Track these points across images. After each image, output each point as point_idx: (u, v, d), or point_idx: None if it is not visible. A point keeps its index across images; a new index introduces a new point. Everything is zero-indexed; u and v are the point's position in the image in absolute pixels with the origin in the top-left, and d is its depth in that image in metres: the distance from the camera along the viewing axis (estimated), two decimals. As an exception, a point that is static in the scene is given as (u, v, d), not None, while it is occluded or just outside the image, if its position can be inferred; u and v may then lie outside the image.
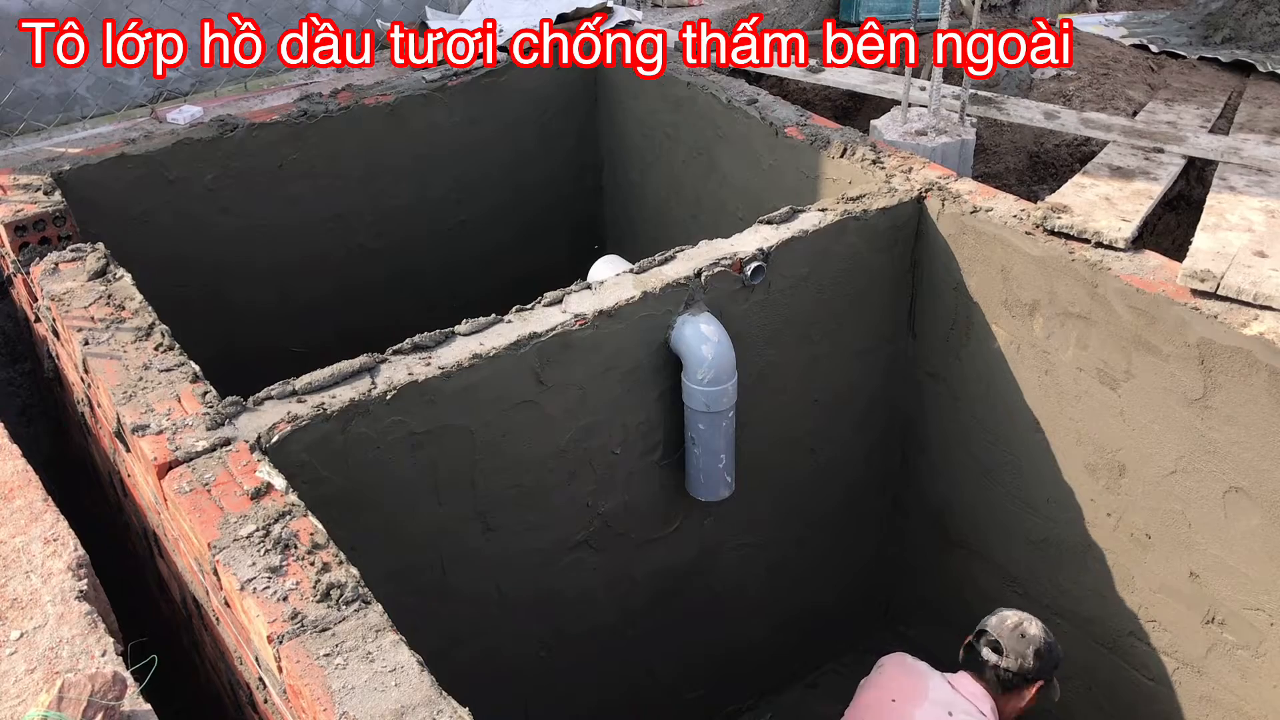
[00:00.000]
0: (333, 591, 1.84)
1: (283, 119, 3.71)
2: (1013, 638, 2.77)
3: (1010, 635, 2.78)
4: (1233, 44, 4.84)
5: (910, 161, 3.32)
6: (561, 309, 2.69)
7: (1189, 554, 2.87)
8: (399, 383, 2.42)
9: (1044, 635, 2.81)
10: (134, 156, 3.46)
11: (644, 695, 3.53)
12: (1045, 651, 2.78)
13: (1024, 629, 2.80)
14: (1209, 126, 3.93)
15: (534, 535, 2.89)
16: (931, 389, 3.45)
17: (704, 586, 3.43)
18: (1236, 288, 2.62)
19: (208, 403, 2.32)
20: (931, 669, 2.88)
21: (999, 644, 2.77)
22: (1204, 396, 2.67)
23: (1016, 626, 2.80)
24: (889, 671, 2.91)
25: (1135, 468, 2.91)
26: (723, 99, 3.80)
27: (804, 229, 3.00)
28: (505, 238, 4.42)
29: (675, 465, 3.09)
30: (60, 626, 1.91)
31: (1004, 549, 3.45)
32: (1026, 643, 2.77)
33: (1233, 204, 3.14)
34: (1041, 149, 4.34)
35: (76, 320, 2.64)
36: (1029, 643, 2.77)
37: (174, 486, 2.12)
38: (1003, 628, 2.79)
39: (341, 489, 2.43)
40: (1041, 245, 2.92)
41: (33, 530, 2.14)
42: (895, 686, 2.85)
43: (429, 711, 1.63)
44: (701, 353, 2.79)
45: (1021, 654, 2.76)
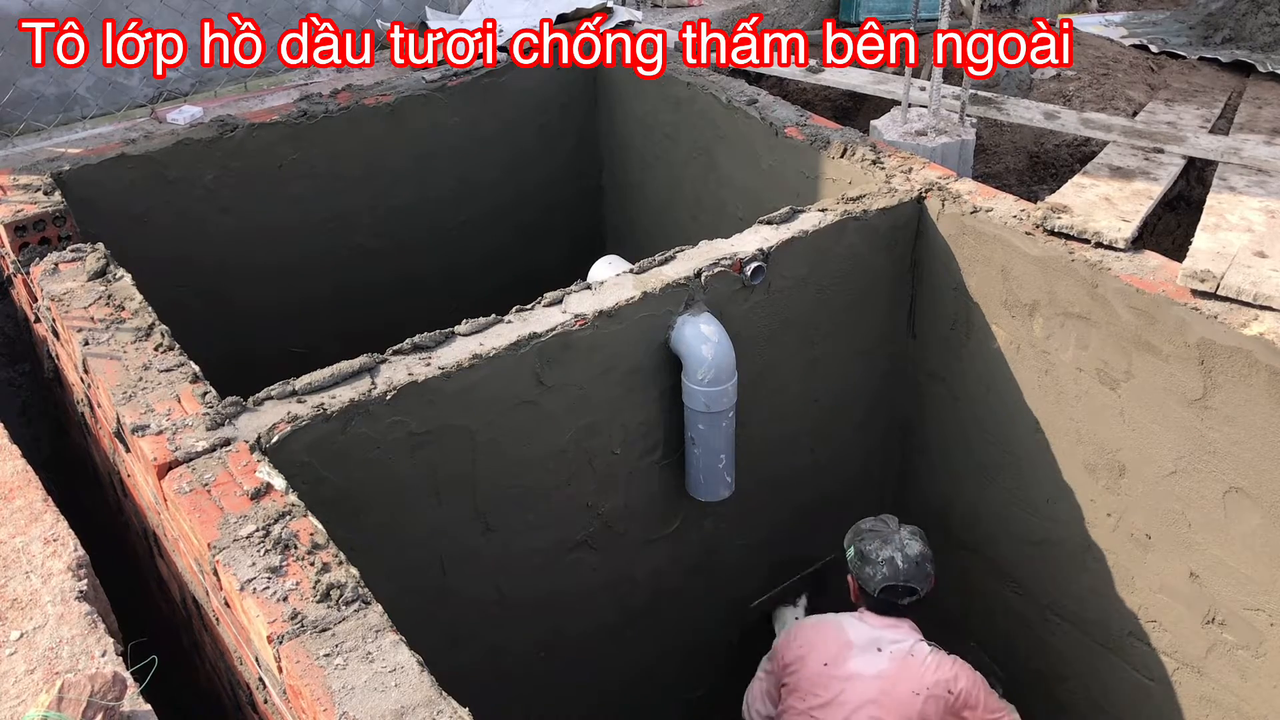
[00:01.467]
0: (333, 591, 1.84)
1: (283, 119, 3.71)
2: (911, 565, 2.94)
3: (909, 564, 2.94)
4: (1233, 44, 4.84)
5: (910, 161, 3.32)
6: (561, 309, 2.69)
7: (1189, 554, 2.87)
8: (399, 383, 2.42)
9: (904, 542, 2.99)
10: (134, 157, 3.46)
11: (644, 695, 3.53)
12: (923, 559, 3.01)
13: (908, 551, 2.96)
14: (1209, 127, 3.93)
15: (534, 535, 2.89)
16: (931, 389, 3.45)
17: (704, 586, 3.43)
18: (1236, 288, 2.62)
19: (208, 403, 2.32)
20: (833, 616, 3.02)
21: (901, 575, 2.94)
22: (1204, 396, 2.67)
23: (900, 551, 2.96)
24: (803, 638, 3.01)
25: (1135, 468, 2.91)
26: (723, 99, 3.80)
27: (804, 229, 3.00)
28: (505, 238, 4.42)
29: (675, 465, 3.09)
30: (60, 627, 1.91)
31: (1004, 549, 3.45)
32: (921, 559, 2.96)
33: (1233, 204, 3.14)
34: (1041, 149, 4.34)
35: (76, 320, 2.64)
36: (923, 558, 2.97)
37: (174, 487, 2.12)
38: (896, 563, 2.94)
39: (341, 489, 2.43)
40: (1041, 245, 2.92)
41: (33, 530, 2.14)
42: (819, 650, 2.94)
43: (429, 711, 1.63)
44: (701, 353, 2.79)
45: (926, 574, 2.97)
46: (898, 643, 2.90)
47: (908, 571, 2.94)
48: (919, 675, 2.87)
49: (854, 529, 3.09)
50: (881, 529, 3.03)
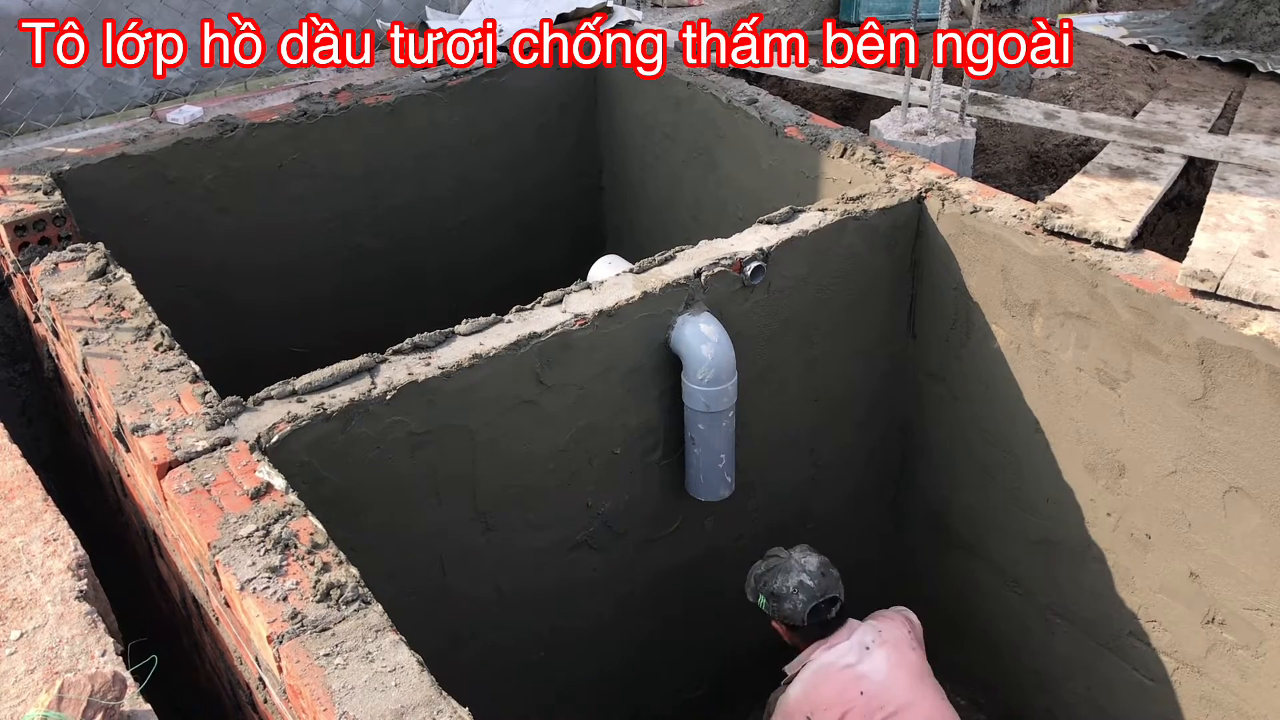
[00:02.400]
0: (333, 591, 1.84)
1: (283, 119, 3.71)
2: (819, 577, 2.95)
3: (816, 578, 2.95)
4: (1233, 44, 4.84)
5: (910, 161, 3.32)
6: (561, 309, 2.69)
7: (1189, 554, 2.87)
8: (399, 383, 2.42)
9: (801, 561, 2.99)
10: (134, 156, 3.46)
11: (644, 695, 3.53)
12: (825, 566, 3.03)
13: (808, 567, 2.96)
14: (1209, 126, 3.93)
15: (534, 535, 2.89)
16: (931, 389, 3.45)
17: (704, 586, 3.43)
18: (1236, 288, 2.62)
19: (208, 403, 2.32)
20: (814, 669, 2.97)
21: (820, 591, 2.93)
22: (1204, 396, 2.67)
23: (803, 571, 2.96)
24: (813, 700, 2.93)
25: (1135, 468, 2.91)
26: (723, 99, 3.80)
27: (804, 229, 3.00)
28: (505, 237, 4.42)
29: (675, 465, 3.09)
30: (60, 626, 1.91)
31: (1004, 549, 3.45)
32: (824, 568, 2.97)
33: (1233, 204, 3.14)
34: (1041, 149, 4.34)
35: (76, 320, 2.64)
36: (824, 565, 2.98)
37: (174, 486, 2.12)
38: (806, 584, 2.93)
39: (341, 489, 2.43)
40: (1041, 245, 2.92)
41: (33, 530, 2.14)
42: (840, 694, 2.90)
43: (429, 711, 1.63)
44: (701, 353, 2.79)
45: (835, 579, 2.98)
46: (869, 635, 2.96)
47: (820, 585, 2.93)
48: (904, 639, 2.98)
49: (752, 579, 3.06)
50: (775, 563, 3.01)
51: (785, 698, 2.99)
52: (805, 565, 2.96)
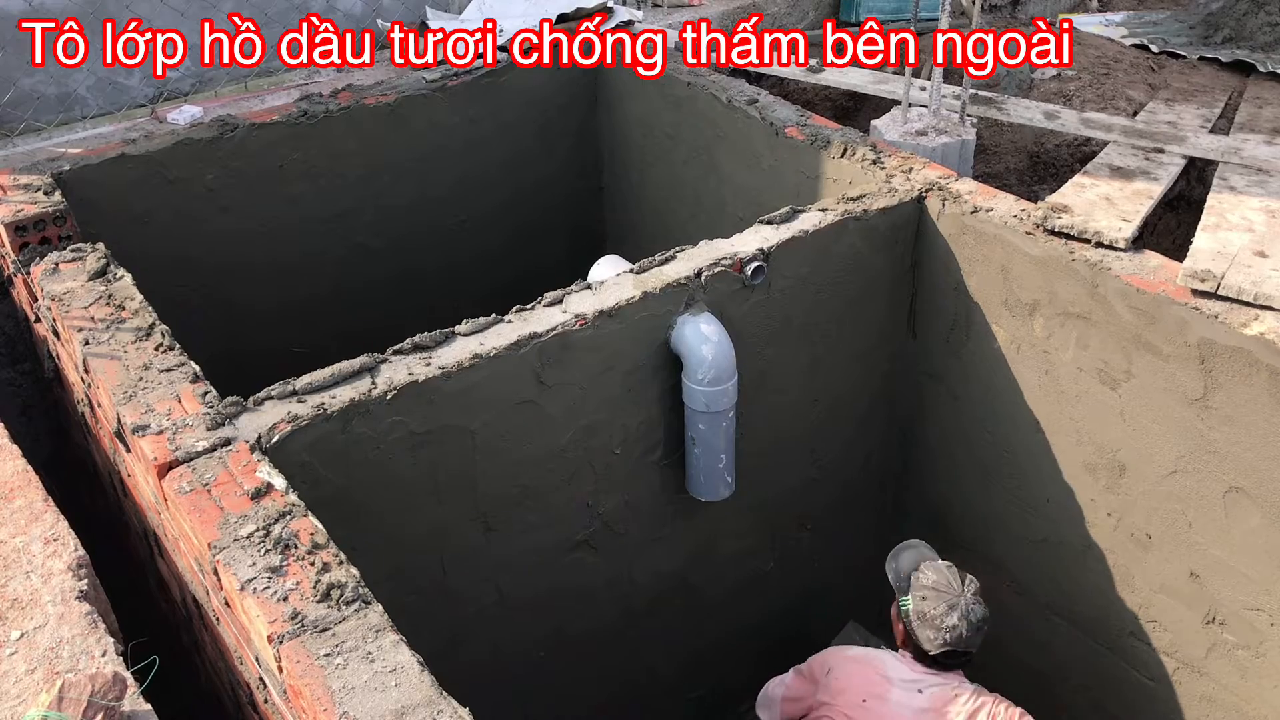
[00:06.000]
0: (333, 591, 1.84)
1: (283, 119, 3.71)
2: (974, 631, 2.75)
3: (972, 631, 2.75)
4: (1233, 44, 4.84)
5: (910, 161, 3.32)
6: (562, 309, 2.69)
7: (1189, 554, 2.87)
8: (399, 383, 2.42)
9: (970, 607, 2.76)
10: (134, 156, 3.46)
11: (644, 695, 3.53)
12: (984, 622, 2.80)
13: (972, 618, 2.75)
14: (1209, 126, 3.93)
15: (534, 535, 2.89)
16: (931, 389, 3.45)
17: (704, 586, 3.43)
18: (1237, 288, 2.62)
19: (208, 403, 2.32)
20: (875, 653, 2.92)
21: (963, 642, 2.75)
22: (1204, 396, 2.67)
23: (965, 620, 2.75)
24: (842, 671, 2.89)
25: (1135, 468, 2.91)
26: (723, 99, 3.80)
27: (804, 229, 3.00)
28: (505, 237, 4.42)
29: (675, 465, 3.09)
30: (60, 626, 1.91)
31: (1004, 549, 3.45)
32: (983, 624, 2.77)
33: (1233, 204, 3.14)
34: (1042, 149, 4.34)
35: (76, 320, 2.64)
36: (984, 622, 2.77)
37: (174, 486, 2.12)
38: (960, 632, 2.74)
39: (342, 489, 2.43)
40: (1042, 245, 2.92)
41: (33, 530, 2.14)
42: (858, 687, 2.83)
43: (429, 711, 1.63)
44: (701, 353, 2.79)
45: (983, 636, 2.77)
46: (941, 686, 2.80)
47: (970, 639, 2.75)
48: (959, 714, 2.76)
49: (912, 575, 2.86)
50: (946, 589, 2.78)
51: (832, 655, 2.96)
52: (970, 613, 2.75)
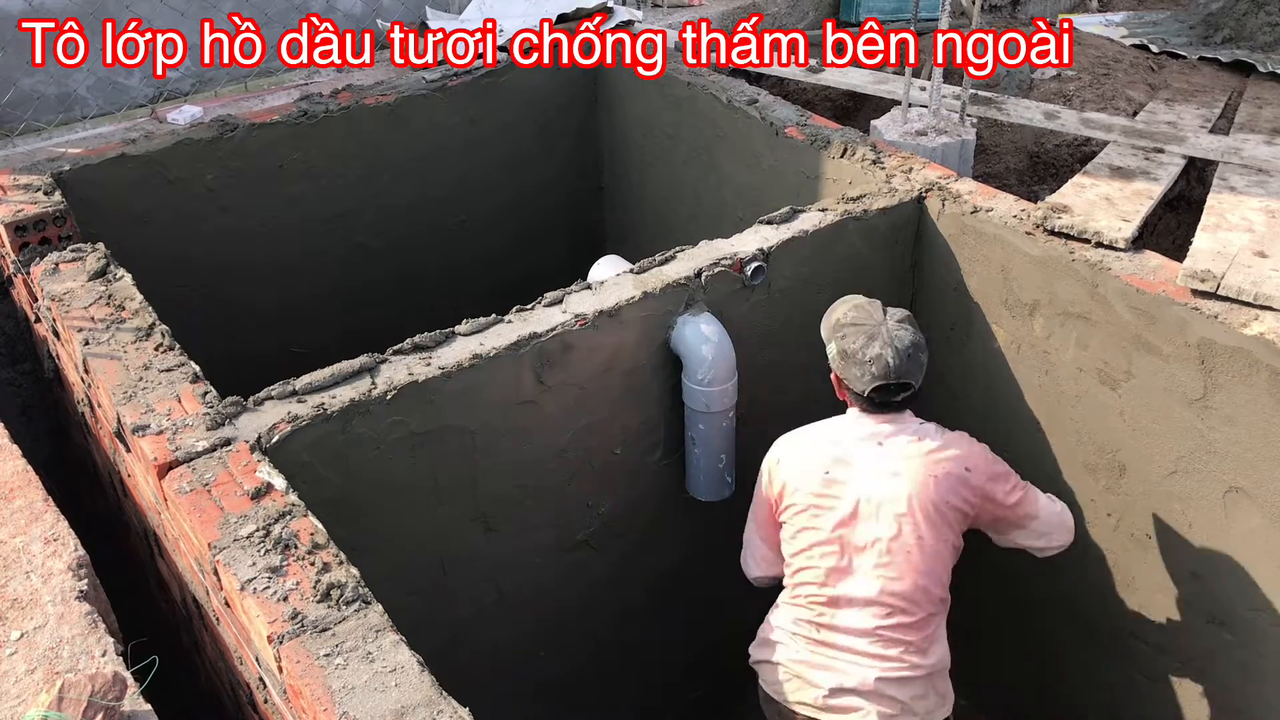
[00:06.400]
0: (333, 591, 1.84)
1: (283, 119, 3.71)
2: (903, 359, 2.53)
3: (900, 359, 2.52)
4: (1233, 44, 4.84)
5: (910, 161, 3.32)
6: (562, 309, 2.69)
7: (1189, 554, 2.87)
8: (399, 383, 2.42)
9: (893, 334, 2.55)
10: (134, 156, 3.46)
11: (644, 695, 3.53)
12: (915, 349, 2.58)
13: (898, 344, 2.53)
14: (1209, 126, 3.93)
15: (534, 535, 2.89)
16: (931, 389, 3.45)
17: (704, 586, 3.43)
18: (1237, 288, 2.62)
19: (208, 403, 2.32)
20: (816, 425, 2.71)
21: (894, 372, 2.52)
22: (1204, 396, 2.67)
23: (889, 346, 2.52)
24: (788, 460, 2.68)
25: (1135, 468, 2.91)
26: (723, 99, 3.80)
27: (804, 229, 3.00)
28: (505, 237, 4.43)
29: (675, 465, 3.09)
30: (60, 626, 1.91)
31: (1004, 549, 3.44)
32: (914, 350, 2.55)
33: (1233, 204, 3.14)
34: (1041, 149, 4.34)
35: (76, 320, 2.64)
36: (915, 348, 2.55)
37: (174, 486, 2.12)
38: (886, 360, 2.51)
39: (342, 489, 2.43)
40: (1042, 245, 2.92)
41: (33, 530, 2.14)
42: (813, 463, 2.63)
43: (429, 711, 1.63)
44: (701, 353, 2.79)
45: (919, 365, 2.56)
46: (898, 434, 2.60)
47: (899, 367, 2.52)
48: (928, 459, 2.57)
49: (830, 321, 2.67)
50: (865, 320, 2.59)
51: (774, 450, 2.73)
52: (895, 340, 2.53)
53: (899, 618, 2.53)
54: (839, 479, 2.59)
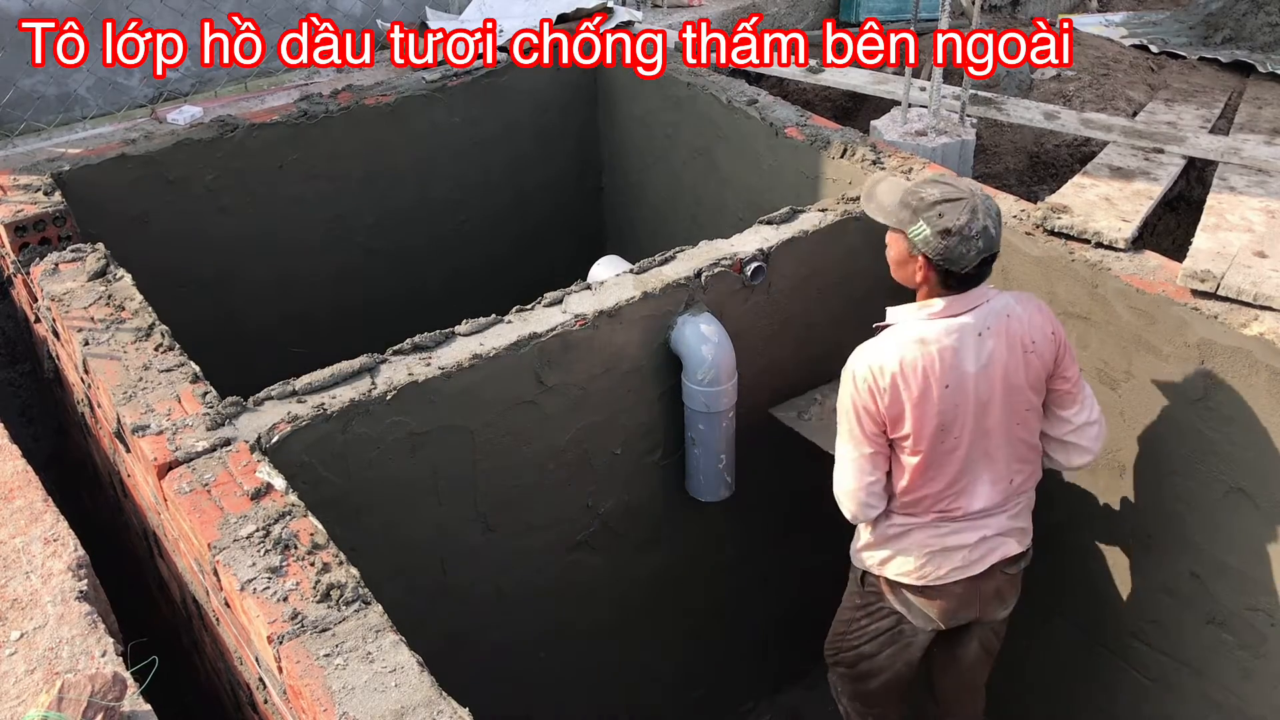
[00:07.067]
0: (333, 592, 1.84)
1: (283, 119, 3.71)
2: (997, 223, 2.39)
3: (996, 224, 2.38)
4: (1233, 44, 4.83)
5: (910, 162, 3.32)
6: (562, 309, 2.69)
7: (1189, 554, 2.87)
8: (399, 383, 2.42)
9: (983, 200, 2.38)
10: (134, 157, 3.46)
11: (644, 695, 3.53)
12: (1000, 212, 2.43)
13: (990, 209, 2.37)
14: (1209, 127, 3.93)
15: (534, 535, 2.89)
16: (931, 389, 3.45)
17: (704, 586, 3.43)
18: (1237, 288, 2.62)
19: (208, 403, 2.32)
20: (899, 330, 2.55)
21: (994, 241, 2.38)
22: (1204, 397, 2.67)
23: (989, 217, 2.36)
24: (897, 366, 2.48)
25: (1135, 468, 2.91)
26: (723, 99, 3.80)
27: (804, 229, 3.00)
28: (505, 237, 4.43)
29: (675, 465, 3.09)
30: (60, 627, 1.91)
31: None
32: (998, 214, 2.40)
33: (1233, 204, 3.14)
34: (1041, 149, 4.34)
35: (76, 320, 2.64)
36: (997, 211, 2.40)
37: (174, 487, 2.12)
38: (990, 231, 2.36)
39: (341, 489, 2.43)
40: (1041, 245, 2.92)
41: (33, 530, 2.14)
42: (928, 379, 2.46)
43: (429, 712, 1.63)
44: (701, 353, 2.79)
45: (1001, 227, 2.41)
46: (988, 311, 2.47)
47: (997, 235, 2.39)
48: (1023, 337, 2.48)
49: (915, 200, 2.41)
50: (953, 193, 2.38)
51: (859, 368, 2.53)
52: (990, 209, 2.37)
53: (1018, 479, 2.67)
54: (959, 389, 2.46)
